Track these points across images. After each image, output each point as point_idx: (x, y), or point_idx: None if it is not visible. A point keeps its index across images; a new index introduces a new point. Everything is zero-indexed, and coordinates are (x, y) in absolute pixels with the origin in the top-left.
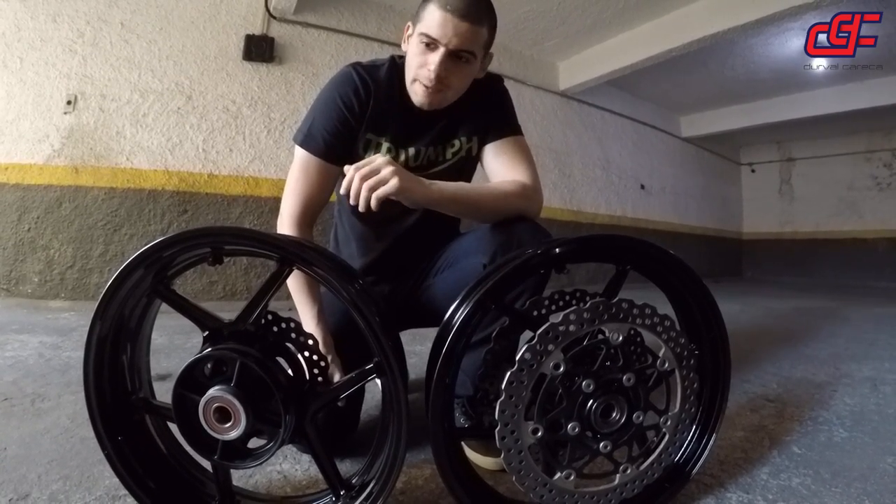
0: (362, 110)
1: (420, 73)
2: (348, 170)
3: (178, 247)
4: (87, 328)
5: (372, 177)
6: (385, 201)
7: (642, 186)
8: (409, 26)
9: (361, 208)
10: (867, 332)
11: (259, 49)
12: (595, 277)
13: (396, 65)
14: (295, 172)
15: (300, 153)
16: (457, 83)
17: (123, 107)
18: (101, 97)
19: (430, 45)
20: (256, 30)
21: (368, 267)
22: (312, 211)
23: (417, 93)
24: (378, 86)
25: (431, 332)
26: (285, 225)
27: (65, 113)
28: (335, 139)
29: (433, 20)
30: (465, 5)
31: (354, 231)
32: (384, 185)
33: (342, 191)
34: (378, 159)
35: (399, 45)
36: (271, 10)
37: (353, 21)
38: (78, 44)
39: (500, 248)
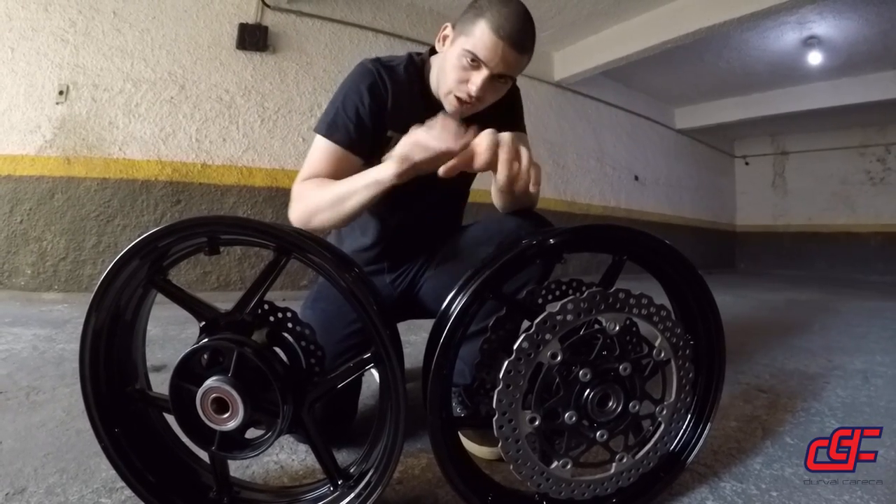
0: (384, 105)
1: (459, 87)
2: (483, 146)
3: (175, 237)
4: (81, 320)
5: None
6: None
7: (636, 178)
8: (447, 27)
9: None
10: (859, 326)
11: (253, 38)
12: (589, 268)
13: (415, 63)
14: (315, 161)
15: (323, 143)
16: (489, 100)
17: (116, 97)
18: (94, 87)
19: (475, 62)
20: (250, 18)
21: (371, 257)
22: None
23: (451, 104)
24: (397, 85)
25: (426, 322)
26: (292, 200)
27: (57, 103)
28: (360, 131)
29: (483, 42)
30: (518, 35)
31: (358, 221)
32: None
33: (503, 175)
34: (506, 136)
35: (394, 35)
36: None
37: (348, 10)
38: (70, 33)
39: (507, 239)
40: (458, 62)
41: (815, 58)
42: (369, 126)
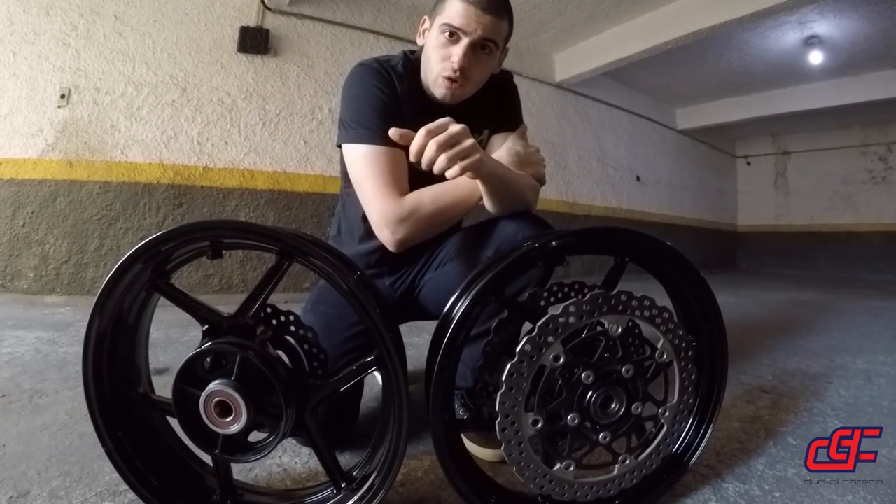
0: (398, 99)
1: (443, 66)
2: (419, 133)
3: (177, 241)
4: (84, 323)
5: (452, 146)
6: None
7: (638, 178)
8: (424, 20)
9: (436, 171)
10: (861, 325)
11: (254, 41)
12: (591, 269)
13: (410, 60)
14: (366, 169)
15: (363, 149)
16: (477, 75)
17: (118, 100)
18: (95, 90)
19: (453, 35)
20: (251, 21)
21: (371, 261)
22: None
23: (440, 86)
24: (400, 81)
25: (428, 324)
26: (389, 224)
27: (59, 107)
28: (391, 127)
29: (455, 11)
30: None
31: (358, 224)
32: (468, 158)
33: (413, 158)
34: (454, 126)
35: (395, 38)
36: (266, 1)
37: (349, 12)
38: (71, 37)
39: (507, 242)
40: (437, 41)
41: (815, 57)
42: (395, 121)
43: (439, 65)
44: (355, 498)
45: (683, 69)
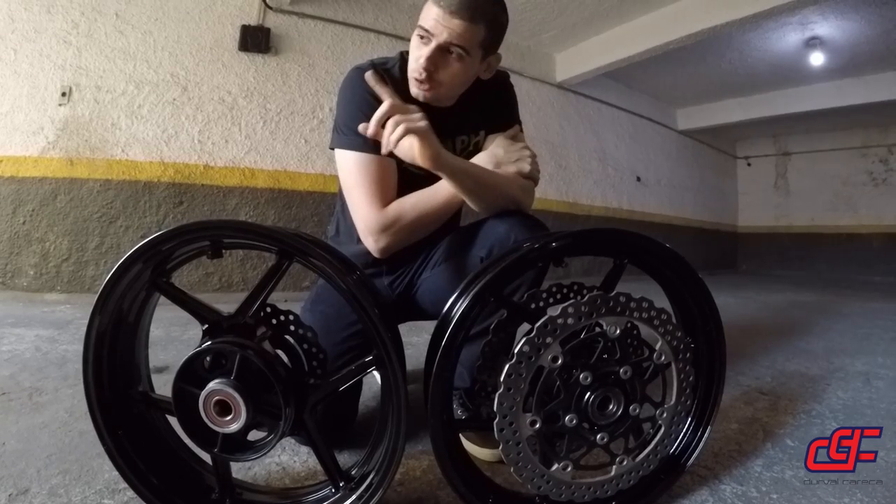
0: None
1: (413, 66)
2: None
3: (177, 240)
4: (84, 321)
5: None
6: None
7: (638, 179)
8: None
9: (391, 147)
10: (861, 327)
11: (255, 40)
12: (591, 270)
13: (405, 61)
14: (355, 177)
15: (353, 156)
16: (447, 80)
17: (118, 98)
18: (96, 88)
19: (424, 38)
20: (252, 20)
21: (369, 260)
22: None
23: (412, 86)
24: (395, 86)
25: (427, 324)
26: (372, 233)
27: (59, 105)
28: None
29: (428, 14)
30: (460, 2)
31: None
32: (414, 122)
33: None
34: (415, 112)
35: (396, 37)
36: (267, 0)
37: (350, 11)
38: (72, 35)
39: (498, 242)
40: (413, 42)
41: (817, 58)
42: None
43: (412, 66)
44: (354, 497)
45: (684, 70)
